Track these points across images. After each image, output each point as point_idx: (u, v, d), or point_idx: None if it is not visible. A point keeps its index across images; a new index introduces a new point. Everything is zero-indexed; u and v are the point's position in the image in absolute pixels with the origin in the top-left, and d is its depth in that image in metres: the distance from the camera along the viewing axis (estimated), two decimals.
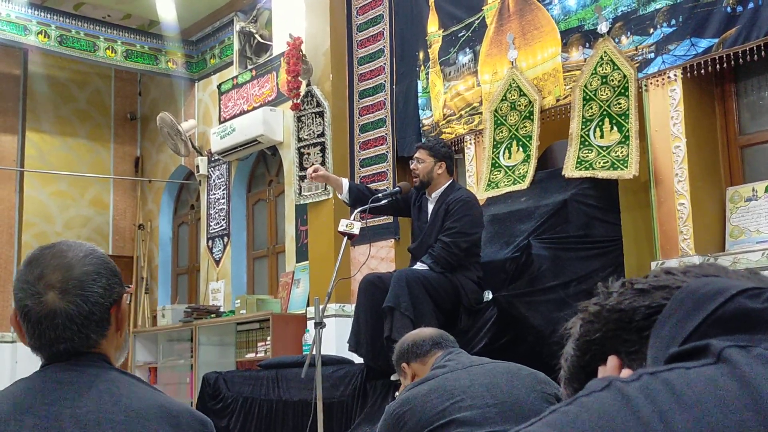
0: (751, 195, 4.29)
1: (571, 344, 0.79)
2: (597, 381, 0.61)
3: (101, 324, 1.36)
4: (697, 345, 0.61)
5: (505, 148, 5.22)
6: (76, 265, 1.34)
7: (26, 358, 7.50)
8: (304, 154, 6.63)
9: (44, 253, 1.37)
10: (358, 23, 6.59)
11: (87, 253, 1.37)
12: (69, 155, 9.17)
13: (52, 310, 1.31)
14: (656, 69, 4.45)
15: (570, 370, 0.79)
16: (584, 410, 0.58)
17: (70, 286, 1.32)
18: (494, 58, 5.43)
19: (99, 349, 1.37)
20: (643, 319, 0.71)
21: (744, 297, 0.63)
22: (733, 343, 0.59)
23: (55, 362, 1.34)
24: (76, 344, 1.33)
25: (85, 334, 1.34)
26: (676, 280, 0.73)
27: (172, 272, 9.36)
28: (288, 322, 6.59)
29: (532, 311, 4.10)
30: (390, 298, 4.14)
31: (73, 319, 1.32)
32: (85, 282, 1.34)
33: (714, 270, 0.72)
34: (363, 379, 4.62)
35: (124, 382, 1.33)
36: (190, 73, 8.86)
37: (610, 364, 0.72)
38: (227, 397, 5.36)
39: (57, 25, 8.10)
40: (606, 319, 0.75)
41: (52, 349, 1.34)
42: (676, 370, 0.58)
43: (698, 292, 0.66)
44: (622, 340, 0.73)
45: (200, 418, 1.34)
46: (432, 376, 2.31)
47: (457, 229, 4.32)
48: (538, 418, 0.60)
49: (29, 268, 1.35)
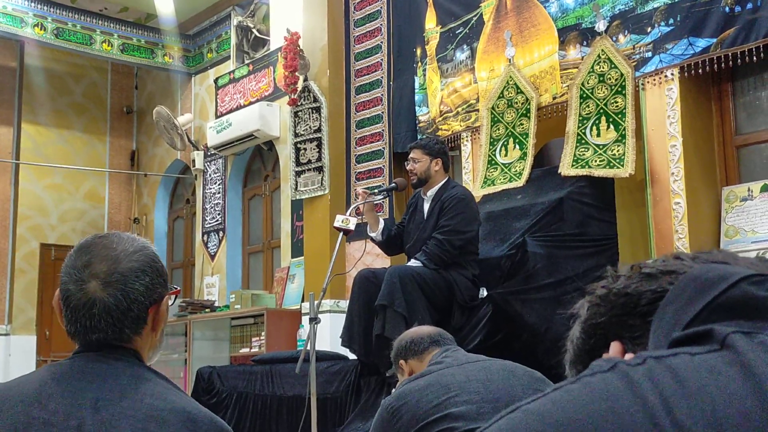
0: (746, 195, 4.30)
1: (578, 327, 0.79)
2: (602, 361, 0.61)
3: (137, 321, 1.36)
4: (700, 330, 0.61)
5: (501, 145, 5.22)
6: (123, 260, 1.35)
7: (20, 351, 7.46)
8: (301, 150, 6.62)
9: (96, 241, 1.38)
10: (356, 19, 6.58)
11: (137, 249, 1.38)
12: (65, 148, 9.15)
13: (91, 299, 1.33)
14: (653, 68, 4.45)
15: (575, 352, 0.79)
16: (588, 390, 0.58)
17: (113, 279, 1.34)
18: (491, 55, 5.42)
19: (132, 345, 1.37)
20: (648, 304, 0.71)
21: (748, 283, 0.63)
22: (736, 328, 0.59)
23: (87, 351, 1.35)
24: (109, 337, 1.34)
25: (120, 328, 1.34)
26: (684, 265, 0.73)
27: (167, 266, 9.34)
28: (282, 317, 6.58)
29: (526, 309, 4.10)
30: (383, 295, 4.13)
31: (110, 312, 1.33)
32: (129, 277, 1.35)
33: (723, 257, 0.72)
34: (357, 375, 4.62)
35: (150, 381, 1.33)
36: (186, 67, 8.85)
37: (613, 350, 0.72)
38: (221, 392, 5.36)
39: (53, 18, 8.08)
40: (612, 303, 0.75)
41: (86, 337, 1.35)
42: (681, 355, 0.58)
43: (701, 278, 0.66)
44: (627, 326, 0.73)
45: (220, 426, 1.33)
46: (428, 372, 2.31)
47: (451, 227, 4.31)
48: (543, 393, 0.60)
49: (78, 254, 1.36)
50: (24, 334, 8.51)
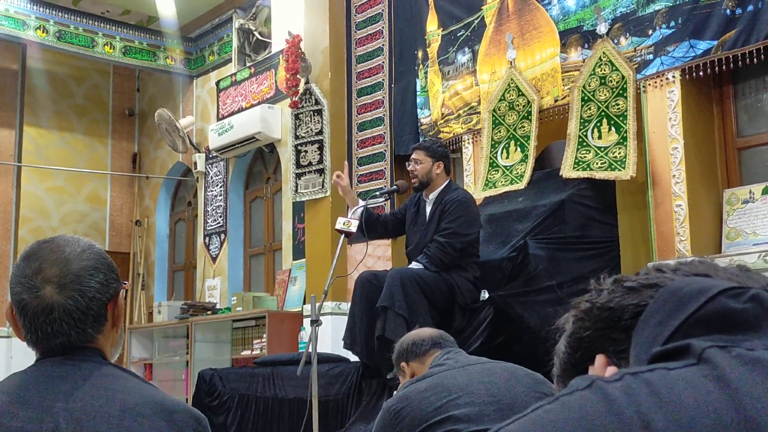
0: (747, 197, 4.30)
1: (563, 341, 0.79)
2: (580, 380, 0.61)
3: (98, 319, 1.35)
4: (679, 345, 0.62)
5: (503, 147, 5.22)
6: (74, 260, 1.34)
7: (21, 353, 7.46)
8: (302, 152, 6.63)
9: (42, 247, 1.36)
10: (357, 21, 6.59)
11: (85, 248, 1.37)
12: (66, 151, 9.15)
13: (49, 304, 1.31)
14: (655, 70, 4.45)
15: (561, 366, 0.79)
16: (566, 409, 0.58)
17: (67, 281, 1.32)
18: (493, 57, 5.43)
19: (95, 344, 1.36)
20: (631, 318, 0.72)
21: (726, 297, 0.64)
22: (713, 343, 0.60)
23: (51, 356, 1.34)
24: (73, 339, 1.33)
25: (82, 328, 1.33)
26: (665, 278, 0.73)
27: (169, 269, 9.36)
28: (284, 319, 6.58)
29: (528, 311, 4.10)
30: (384, 297, 4.13)
31: (70, 314, 1.32)
32: (83, 277, 1.34)
33: (704, 268, 0.72)
34: (358, 377, 4.62)
35: (120, 377, 1.32)
36: (188, 69, 8.85)
37: (598, 363, 0.73)
38: (223, 394, 5.36)
39: (56, 20, 8.09)
40: (596, 317, 0.75)
41: (49, 343, 1.33)
42: (658, 370, 0.59)
43: (680, 292, 0.66)
44: (611, 339, 0.73)
45: (195, 414, 1.33)
46: (430, 374, 2.32)
47: (452, 229, 4.32)
48: (522, 414, 0.60)
49: (27, 262, 1.35)
50: None
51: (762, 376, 0.56)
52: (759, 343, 0.60)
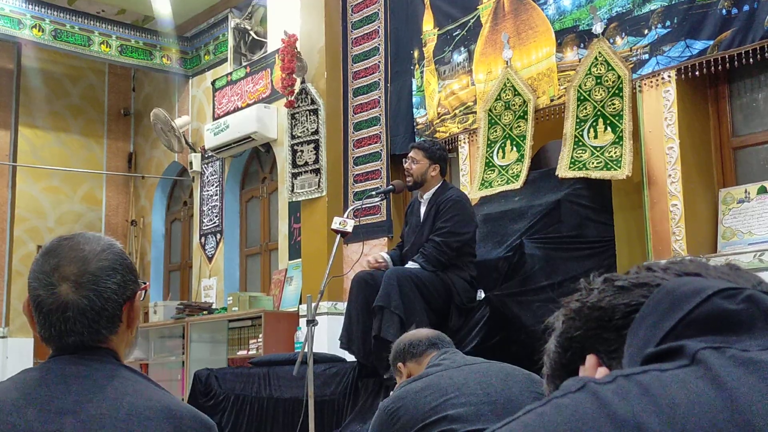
0: (743, 197, 4.30)
1: (554, 340, 0.78)
2: (572, 381, 0.60)
3: (113, 320, 1.34)
4: (672, 346, 0.61)
5: (499, 147, 5.22)
6: (92, 259, 1.33)
7: (17, 353, 7.44)
8: (298, 152, 6.62)
9: (62, 244, 1.35)
10: (353, 21, 6.58)
11: (104, 248, 1.36)
12: (62, 150, 9.14)
13: (64, 302, 1.30)
14: (650, 70, 4.46)
15: (552, 366, 0.78)
16: (558, 412, 0.58)
17: (84, 280, 1.31)
18: (489, 57, 5.43)
19: (108, 345, 1.35)
20: (622, 318, 0.71)
21: (720, 297, 0.63)
22: (707, 344, 0.59)
23: (63, 354, 1.33)
24: (86, 338, 1.32)
25: (96, 329, 1.32)
26: (656, 277, 0.72)
27: (165, 269, 9.35)
28: (280, 319, 6.58)
29: (524, 311, 4.10)
30: (381, 297, 4.13)
31: (84, 313, 1.31)
32: (100, 277, 1.32)
33: (695, 267, 0.72)
34: (354, 377, 4.62)
35: (131, 380, 1.31)
36: (184, 69, 8.84)
37: (589, 363, 0.72)
38: (219, 394, 5.36)
39: (51, 19, 8.07)
40: (587, 317, 0.74)
41: (62, 341, 1.32)
42: (651, 372, 0.58)
43: (675, 292, 0.66)
44: (602, 339, 0.72)
45: (204, 421, 1.32)
46: (426, 374, 2.32)
47: (447, 228, 4.32)
48: (513, 417, 0.60)
49: (46, 258, 1.34)
50: (21, 337, 8.48)
51: (756, 377, 0.56)
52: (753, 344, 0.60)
